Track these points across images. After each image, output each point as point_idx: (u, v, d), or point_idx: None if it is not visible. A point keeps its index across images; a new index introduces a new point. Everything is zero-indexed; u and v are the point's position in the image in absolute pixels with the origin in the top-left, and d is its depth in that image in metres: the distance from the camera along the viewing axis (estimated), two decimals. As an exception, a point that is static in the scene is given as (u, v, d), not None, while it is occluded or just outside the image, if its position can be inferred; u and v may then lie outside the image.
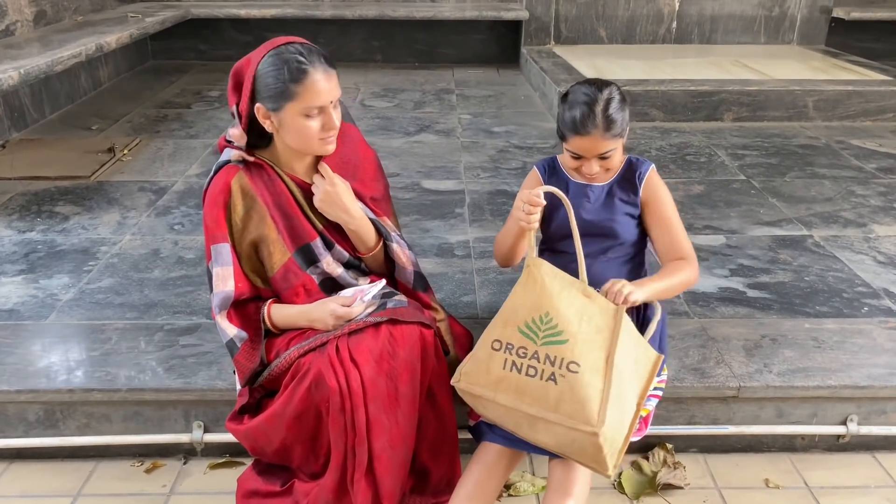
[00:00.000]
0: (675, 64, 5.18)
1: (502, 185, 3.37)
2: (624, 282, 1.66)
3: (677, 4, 5.76)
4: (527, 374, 1.56)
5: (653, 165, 1.90)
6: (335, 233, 1.80)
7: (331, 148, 1.71)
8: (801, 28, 5.84)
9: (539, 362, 1.56)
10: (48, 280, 2.48)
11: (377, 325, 1.67)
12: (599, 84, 1.77)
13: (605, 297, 1.63)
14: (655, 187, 1.88)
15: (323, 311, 1.71)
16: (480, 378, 1.61)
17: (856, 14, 5.69)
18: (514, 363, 1.58)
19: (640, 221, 1.90)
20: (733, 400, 1.99)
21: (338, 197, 1.73)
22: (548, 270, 1.65)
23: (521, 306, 1.62)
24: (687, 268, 1.83)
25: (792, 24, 5.85)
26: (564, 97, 1.80)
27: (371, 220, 1.80)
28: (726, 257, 2.68)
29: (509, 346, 1.59)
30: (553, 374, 1.54)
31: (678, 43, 5.87)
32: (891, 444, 2.05)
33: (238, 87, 1.68)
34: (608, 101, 1.73)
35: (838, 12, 5.74)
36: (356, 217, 1.76)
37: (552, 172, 1.93)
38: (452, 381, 1.65)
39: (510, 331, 1.60)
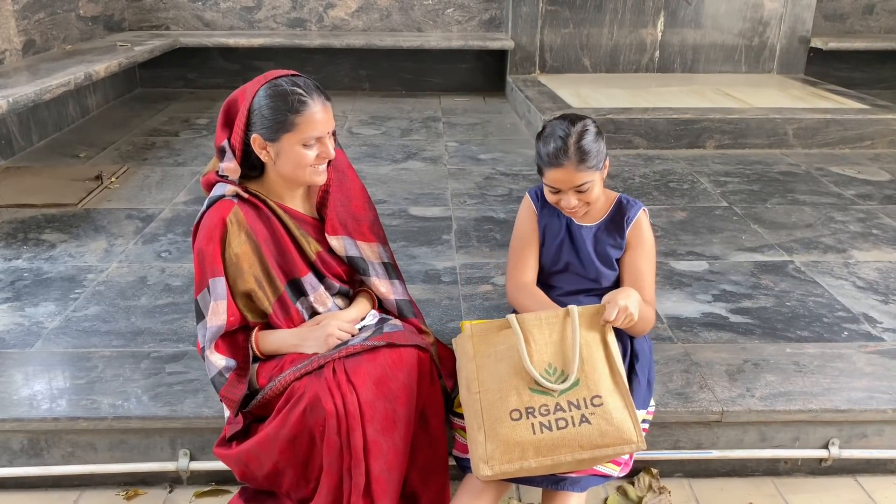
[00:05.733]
0: (658, 92, 5.26)
1: (489, 212, 3.40)
2: (626, 305, 1.63)
3: (660, 34, 5.87)
4: (559, 429, 1.52)
5: (644, 209, 1.90)
6: (328, 263, 1.83)
7: (321, 179, 1.75)
8: (780, 57, 5.96)
9: (566, 411, 1.53)
10: (34, 308, 2.48)
11: (374, 348, 1.68)
12: (573, 118, 1.79)
13: (608, 313, 1.61)
14: (640, 233, 1.88)
15: (320, 332, 1.73)
16: (512, 455, 1.52)
17: (833, 44, 5.82)
18: (542, 424, 1.52)
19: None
20: (717, 424, 2.01)
21: (326, 334, 1.74)
22: (533, 322, 1.62)
23: (519, 369, 1.56)
24: (652, 311, 1.82)
25: (772, 54, 5.97)
26: (540, 133, 1.82)
27: (350, 258, 1.84)
28: (709, 283, 2.72)
29: (530, 410, 1.53)
30: (583, 415, 1.53)
31: (661, 72, 5.97)
32: (872, 467, 2.07)
33: (230, 122, 1.70)
34: (581, 134, 1.74)
35: (816, 42, 5.88)
36: (356, 318, 1.84)
37: (546, 202, 1.92)
38: (479, 476, 1.53)
39: (525, 396, 1.55)
